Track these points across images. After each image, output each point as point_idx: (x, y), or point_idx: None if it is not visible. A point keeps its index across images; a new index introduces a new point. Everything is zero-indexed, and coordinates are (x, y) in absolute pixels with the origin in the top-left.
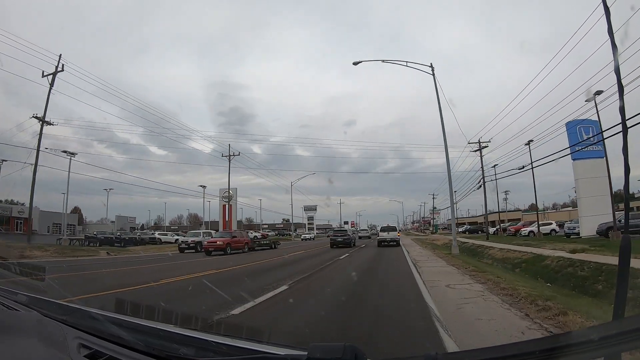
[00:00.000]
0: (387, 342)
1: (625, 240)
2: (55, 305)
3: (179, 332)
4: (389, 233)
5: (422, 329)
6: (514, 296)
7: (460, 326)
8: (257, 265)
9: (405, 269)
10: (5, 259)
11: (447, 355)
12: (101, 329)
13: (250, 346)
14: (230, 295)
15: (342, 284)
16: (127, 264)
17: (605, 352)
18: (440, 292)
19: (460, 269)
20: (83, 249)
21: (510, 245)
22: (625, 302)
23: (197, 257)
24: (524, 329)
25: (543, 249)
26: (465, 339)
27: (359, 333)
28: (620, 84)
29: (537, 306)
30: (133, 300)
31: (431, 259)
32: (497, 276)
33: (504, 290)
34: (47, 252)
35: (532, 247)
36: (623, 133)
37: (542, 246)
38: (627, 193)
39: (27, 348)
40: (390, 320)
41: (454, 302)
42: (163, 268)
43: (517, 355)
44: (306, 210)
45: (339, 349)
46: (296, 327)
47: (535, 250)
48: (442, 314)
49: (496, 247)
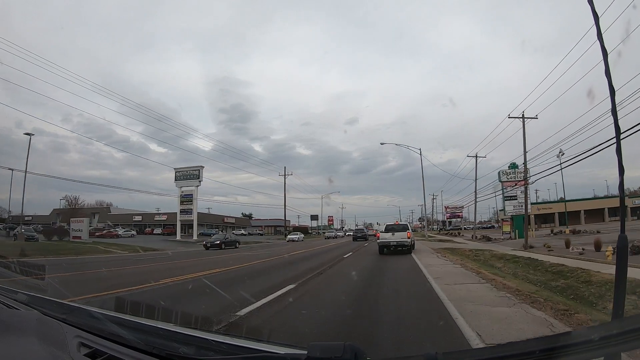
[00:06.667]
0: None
1: (623, 241)
2: (55, 304)
3: (179, 331)
4: (394, 234)
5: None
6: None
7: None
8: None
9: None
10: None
11: (447, 355)
12: (101, 328)
13: (250, 345)
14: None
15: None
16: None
17: (605, 352)
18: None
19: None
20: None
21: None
22: (624, 302)
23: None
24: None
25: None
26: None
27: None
28: (612, 86)
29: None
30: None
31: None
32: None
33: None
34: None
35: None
36: (616, 135)
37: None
38: (622, 193)
39: (27, 347)
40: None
41: None
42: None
43: (517, 355)
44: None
45: (339, 348)
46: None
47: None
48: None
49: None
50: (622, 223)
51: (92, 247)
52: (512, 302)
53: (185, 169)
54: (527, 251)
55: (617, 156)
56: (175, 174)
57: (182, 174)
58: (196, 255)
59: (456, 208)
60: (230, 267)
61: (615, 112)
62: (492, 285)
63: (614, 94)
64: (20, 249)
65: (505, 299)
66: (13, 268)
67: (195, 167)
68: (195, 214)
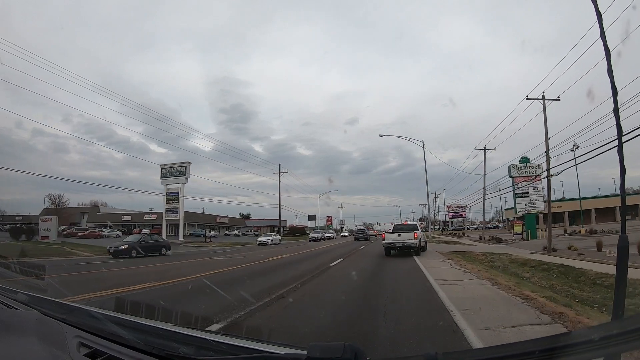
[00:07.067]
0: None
1: (623, 241)
2: (55, 304)
3: (178, 331)
4: (401, 235)
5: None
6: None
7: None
8: None
9: None
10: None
11: (447, 355)
12: (101, 328)
13: (250, 345)
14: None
15: None
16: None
17: (605, 352)
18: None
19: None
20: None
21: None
22: (624, 302)
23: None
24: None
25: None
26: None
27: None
28: (614, 86)
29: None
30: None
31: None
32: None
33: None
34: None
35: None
36: (618, 135)
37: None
38: (624, 193)
39: (27, 347)
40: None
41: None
42: None
43: (517, 356)
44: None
45: (338, 348)
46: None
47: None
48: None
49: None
50: (623, 223)
51: (57, 249)
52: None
53: (171, 165)
54: (551, 255)
55: (619, 156)
56: (161, 170)
57: (168, 171)
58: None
59: (459, 207)
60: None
61: (617, 111)
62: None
63: (617, 93)
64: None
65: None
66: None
67: (181, 163)
68: (182, 213)
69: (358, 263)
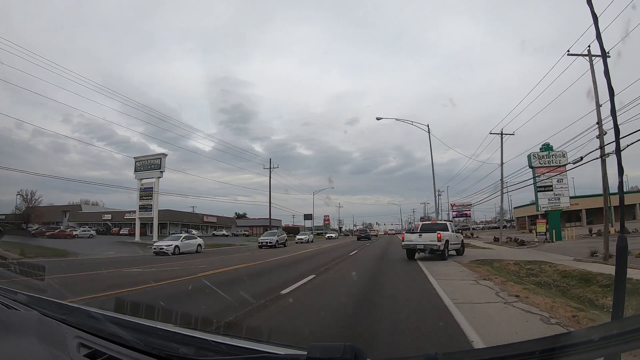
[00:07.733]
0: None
1: (622, 241)
2: (54, 304)
3: (178, 332)
4: (422, 235)
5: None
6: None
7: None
8: None
9: None
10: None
11: (447, 355)
12: (101, 328)
13: (250, 345)
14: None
15: None
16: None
17: (605, 352)
18: None
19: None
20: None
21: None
22: (624, 302)
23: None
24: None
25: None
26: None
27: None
28: (611, 87)
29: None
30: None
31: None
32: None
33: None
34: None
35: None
36: (615, 136)
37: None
38: (622, 193)
39: (26, 347)
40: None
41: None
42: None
43: (517, 356)
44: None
45: (338, 349)
46: None
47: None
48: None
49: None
50: (622, 223)
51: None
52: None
53: (144, 158)
54: (608, 264)
55: (617, 156)
56: (135, 164)
57: (142, 164)
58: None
59: (463, 206)
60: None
61: (614, 113)
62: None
63: (613, 94)
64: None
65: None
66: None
67: (156, 155)
68: (156, 210)
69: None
